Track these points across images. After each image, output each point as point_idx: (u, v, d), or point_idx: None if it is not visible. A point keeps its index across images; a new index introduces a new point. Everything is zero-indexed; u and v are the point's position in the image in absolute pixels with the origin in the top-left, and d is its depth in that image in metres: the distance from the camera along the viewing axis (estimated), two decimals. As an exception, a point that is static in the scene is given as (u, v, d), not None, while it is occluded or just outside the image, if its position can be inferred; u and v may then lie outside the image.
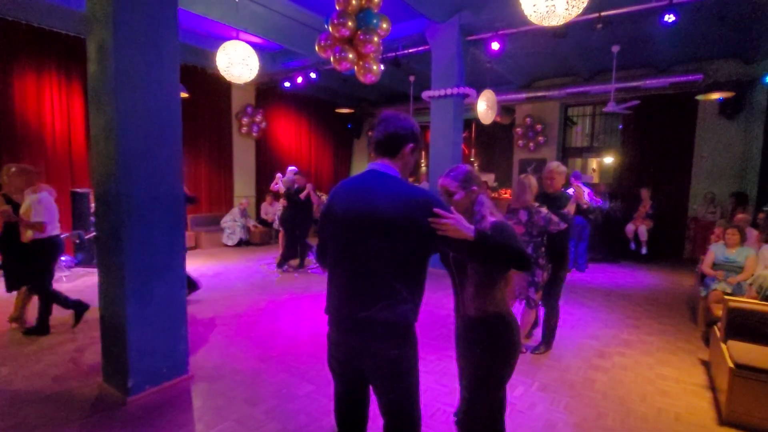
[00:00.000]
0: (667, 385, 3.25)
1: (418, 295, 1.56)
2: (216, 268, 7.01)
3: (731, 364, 2.70)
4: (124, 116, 2.68)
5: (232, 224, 8.99)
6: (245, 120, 9.72)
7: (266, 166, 10.20)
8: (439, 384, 3.14)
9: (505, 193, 11.37)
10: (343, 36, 4.53)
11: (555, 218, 3.34)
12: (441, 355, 3.64)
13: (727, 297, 3.19)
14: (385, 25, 4.70)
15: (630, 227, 8.04)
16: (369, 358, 1.53)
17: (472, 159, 13.00)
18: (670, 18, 5.20)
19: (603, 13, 5.55)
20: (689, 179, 8.55)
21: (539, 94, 9.39)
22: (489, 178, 11.97)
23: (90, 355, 3.51)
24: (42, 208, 3.80)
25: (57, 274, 6.09)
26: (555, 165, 3.85)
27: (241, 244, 9.06)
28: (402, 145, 1.60)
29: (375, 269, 1.49)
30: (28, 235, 3.81)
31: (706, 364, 3.57)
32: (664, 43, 7.02)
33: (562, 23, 3.77)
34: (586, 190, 7.22)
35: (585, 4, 3.59)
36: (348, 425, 1.71)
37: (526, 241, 3.43)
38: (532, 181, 3.50)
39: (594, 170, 11.44)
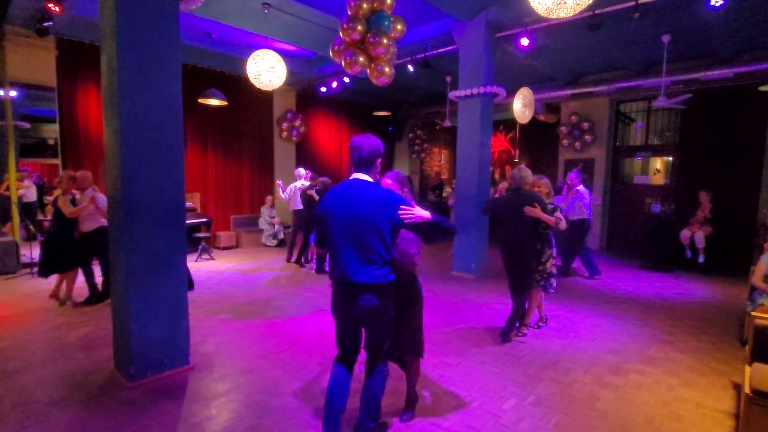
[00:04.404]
0: (685, 408, 2.92)
1: (392, 262, 2.27)
2: (249, 265, 7.35)
3: (747, 390, 2.38)
4: (127, 126, 2.91)
5: (266, 225, 9.39)
6: (285, 125, 10.12)
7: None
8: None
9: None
10: (354, 40, 4.57)
11: None
12: (438, 362, 3.56)
13: (754, 314, 2.80)
14: (399, 27, 4.68)
15: (685, 233, 7.31)
16: (359, 307, 2.20)
17: (516, 160, 12.53)
18: (717, 2, 4.67)
19: (640, 1, 5.12)
20: (759, 181, 7.58)
21: (585, 90, 8.84)
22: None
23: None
24: (104, 201, 4.61)
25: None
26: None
27: (282, 244, 9.24)
28: (375, 161, 2.33)
29: (365, 248, 2.17)
30: (86, 226, 4.84)
31: (738, 389, 3.17)
32: (726, 29, 6.28)
33: (572, 14, 3.54)
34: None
35: (596, -7, 3.35)
36: (347, 348, 2.40)
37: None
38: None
39: (658, 170, 10.47)
